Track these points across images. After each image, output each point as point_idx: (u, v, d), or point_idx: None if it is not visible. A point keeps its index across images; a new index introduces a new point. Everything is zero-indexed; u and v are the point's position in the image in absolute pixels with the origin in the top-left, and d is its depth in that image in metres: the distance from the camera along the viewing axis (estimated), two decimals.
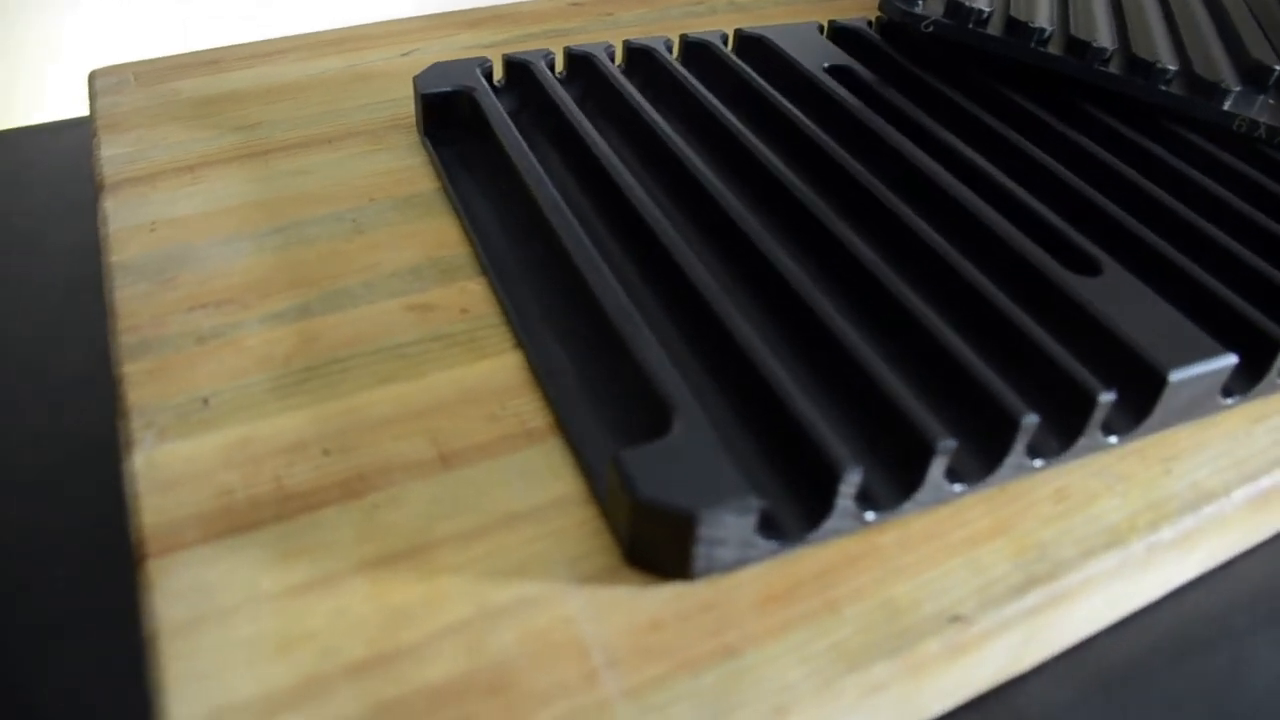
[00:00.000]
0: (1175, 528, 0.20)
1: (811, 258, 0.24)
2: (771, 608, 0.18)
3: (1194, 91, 0.30)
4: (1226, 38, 0.33)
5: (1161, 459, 0.21)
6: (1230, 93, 0.29)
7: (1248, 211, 0.26)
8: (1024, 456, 0.20)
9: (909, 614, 0.18)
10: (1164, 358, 0.20)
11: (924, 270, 0.24)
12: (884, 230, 0.25)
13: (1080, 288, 0.22)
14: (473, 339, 0.22)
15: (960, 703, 0.19)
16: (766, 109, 0.28)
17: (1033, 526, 0.19)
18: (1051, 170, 0.27)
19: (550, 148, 0.28)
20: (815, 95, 0.30)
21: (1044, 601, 0.18)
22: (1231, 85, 0.29)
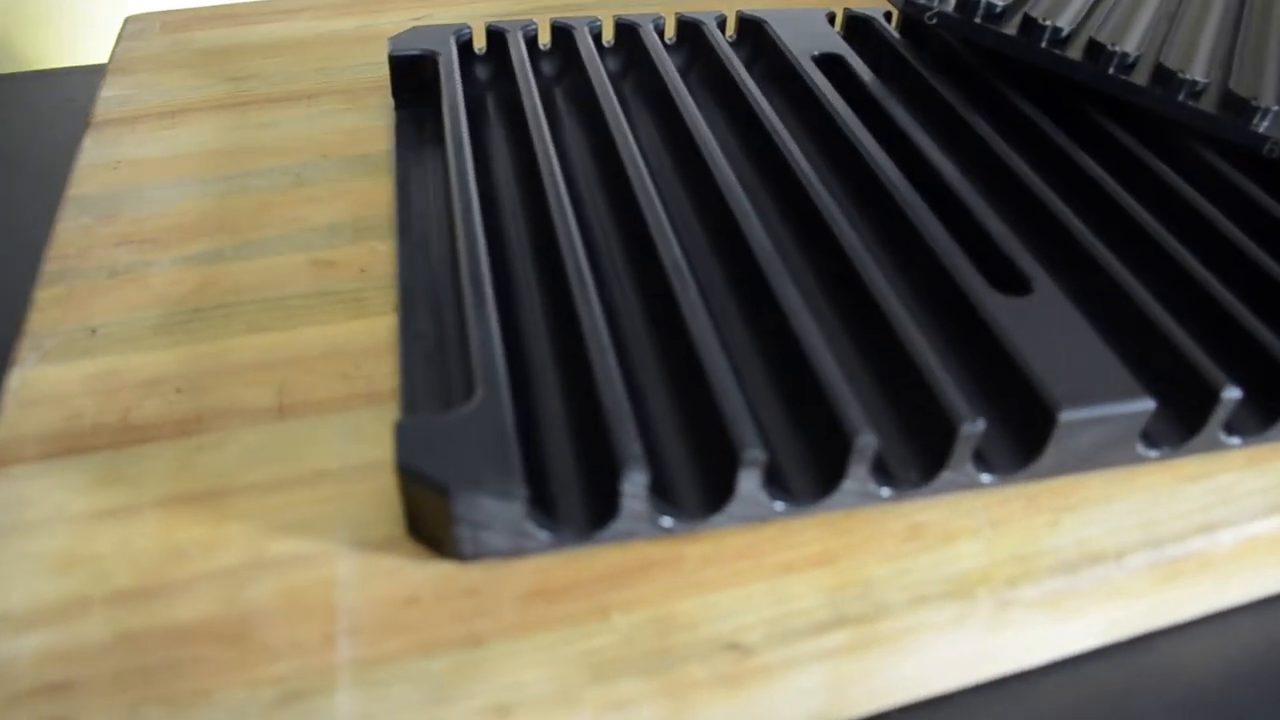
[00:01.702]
0: (1040, 588, 0.17)
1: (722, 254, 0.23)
2: (537, 603, 0.16)
3: (1223, 108, 0.25)
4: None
5: (1054, 508, 0.19)
6: (1264, 111, 0.25)
7: (1241, 246, 0.22)
8: (870, 483, 0.17)
9: (683, 633, 0.16)
10: (1059, 393, 0.18)
11: (831, 272, 0.21)
12: (810, 227, 0.23)
13: (998, 307, 0.20)
14: (358, 298, 0.22)
15: None
16: (734, 93, 0.27)
17: (866, 562, 0.17)
18: (1024, 181, 0.24)
19: (499, 120, 0.27)
20: (792, 83, 0.28)
21: (850, 644, 0.16)
22: (1269, 103, 0.25)
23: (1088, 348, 0.19)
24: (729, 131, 0.27)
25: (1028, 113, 0.26)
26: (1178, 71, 0.26)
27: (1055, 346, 0.19)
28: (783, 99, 0.28)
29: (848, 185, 0.25)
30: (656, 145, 0.26)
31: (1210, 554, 0.19)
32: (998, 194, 0.25)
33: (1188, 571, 0.19)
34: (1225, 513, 0.19)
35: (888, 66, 0.30)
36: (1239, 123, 0.25)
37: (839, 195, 0.24)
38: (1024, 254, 0.21)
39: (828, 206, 0.22)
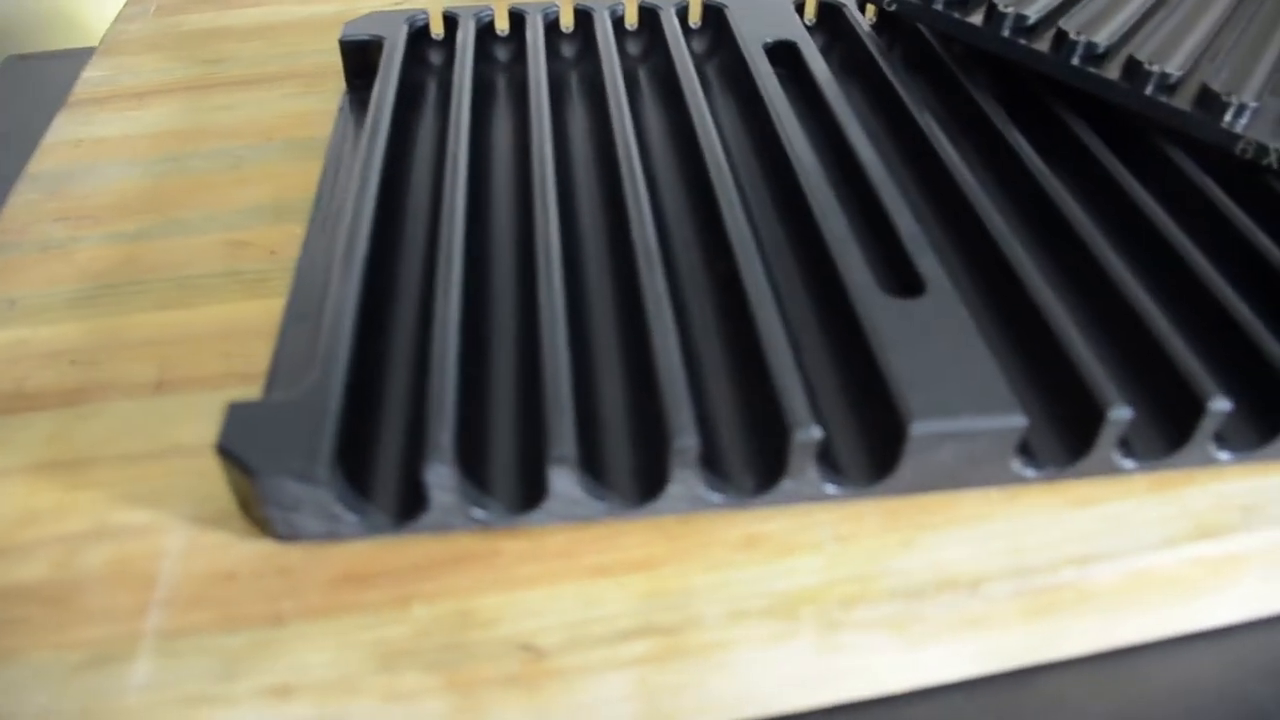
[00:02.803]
0: (878, 611, 0.16)
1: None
2: (345, 587, 0.17)
3: (1195, 105, 0.23)
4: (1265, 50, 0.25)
5: (913, 526, 0.17)
6: (1238, 108, 0.22)
7: (1182, 253, 0.20)
8: (699, 488, 0.17)
9: (479, 630, 0.16)
10: (915, 403, 0.16)
11: (716, 264, 0.21)
12: (710, 219, 0.22)
13: (879, 308, 0.18)
14: (261, 279, 0.23)
15: None
16: (675, 82, 0.26)
17: (690, 570, 0.17)
18: (955, 178, 0.22)
19: (436, 106, 0.27)
20: (739, 71, 0.27)
21: (654, 655, 0.16)
22: (1243, 100, 0.22)
23: (967, 356, 0.17)
24: (664, 121, 0.26)
25: (984, 107, 0.25)
26: (1146, 63, 0.23)
27: (930, 353, 0.17)
28: (732, 89, 0.27)
29: (766, 177, 0.24)
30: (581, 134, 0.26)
31: (1087, 587, 0.17)
32: (932, 190, 0.23)
33: (1063, 605, 0.17)
34: (1110, 543, 0.17)
35: (849, 56, 0.28)
36: (1210, 120, 0.23)
37: (752, 187, 0.23)
38: (927, 254, 0.20)
39: (730, 201, 0.21)
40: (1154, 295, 0.21)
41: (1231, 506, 0.18)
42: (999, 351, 0.19)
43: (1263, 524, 0.18)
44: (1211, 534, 0.18)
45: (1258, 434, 0.18)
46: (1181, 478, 0.19)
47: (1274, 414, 0.18)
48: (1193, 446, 0.18)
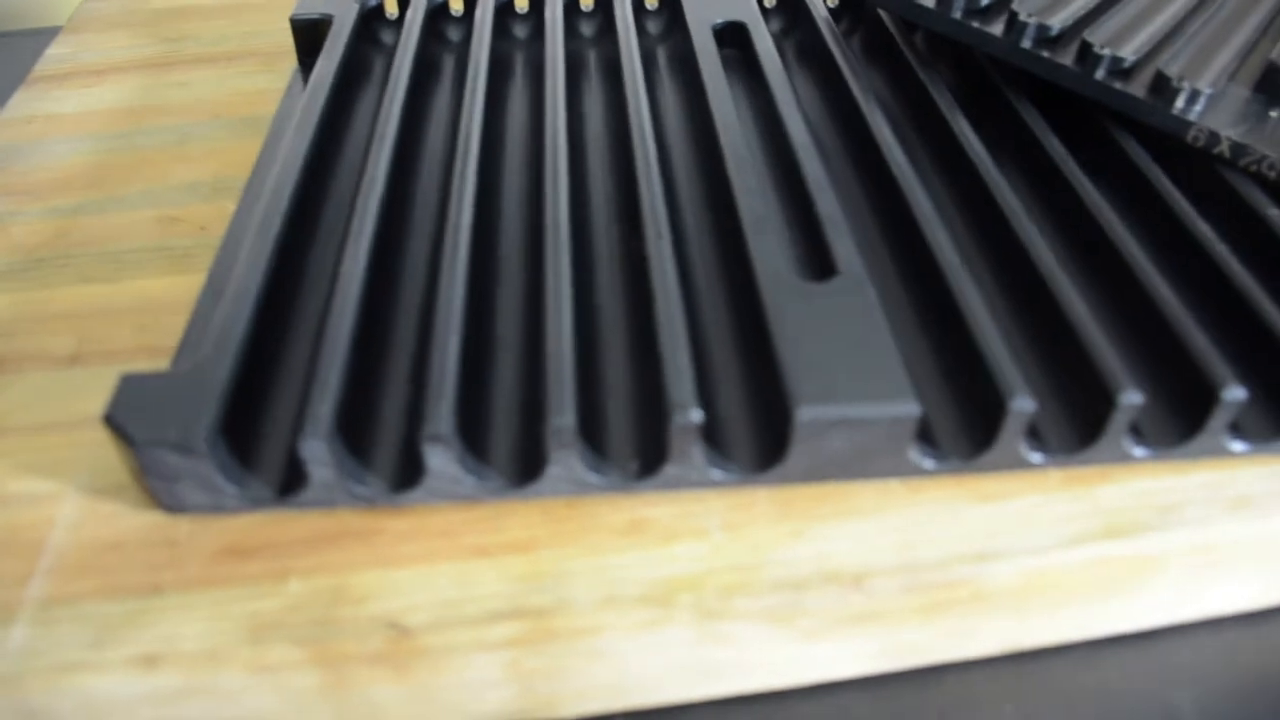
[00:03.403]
0: (759, 602, 0.16)
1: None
2: (227, 560, 0.17)
3: (1148, 91, 0.22)
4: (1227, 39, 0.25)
5: (805, 517, 0.17)
6: (1190, 94, 0.22)
7: (1121, 249, 0.20)
8: (582, 470, 0.17)
9: (350, 606, 0.16)
10: (802, 388, 0.16)
11: (631, 248, 0.21)
12: (629, 200, 0.22)
13: (782, 290, 0.18)
14: (187, 255, 0.23)
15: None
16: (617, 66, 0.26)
17: (569, 554, 0.17)
18: (888, 160, 0.22)
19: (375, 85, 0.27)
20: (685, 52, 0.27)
21: (522, 638, 0.16)
22: (1197, 86, 0.22)
23: (867, 342, 0.17)
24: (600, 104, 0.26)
25: (934, 93, 0.24)
26: (1098, 47, 0.23)
27: (830, 338, 0.17)
28: (678, 70, 0.27)
29: (698, 159, 0.23)
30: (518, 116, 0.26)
31: (983, 585, 0.17)
32: (868, 176, 0.23)
33: (959, 602, 0.17)
34: (1011, 541, 0.17)
35: (805, 40, 0.28)
36: (1161, 106, 0.22)
37: (683, 169, 0.23)
38: (844, 238, 0.19)
39: (649, 180, 0.21)
40: (1084, 285, 0.20)
41: (1148, 506, 0.18)
42: (914, 339, 0.19)
43: (1180, 525, 0.18)
44: (1122, 534, 0.17)
45: (1177, 431, 0.18)
46: (1098, 474, 0.18)
47: (1194, 410, 0.18)
48: (1106, 441, 0.17)
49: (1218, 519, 0.18)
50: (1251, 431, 0.18)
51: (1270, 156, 0.22)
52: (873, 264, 0.21)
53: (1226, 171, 0.22)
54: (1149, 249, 0.21)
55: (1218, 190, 0.22)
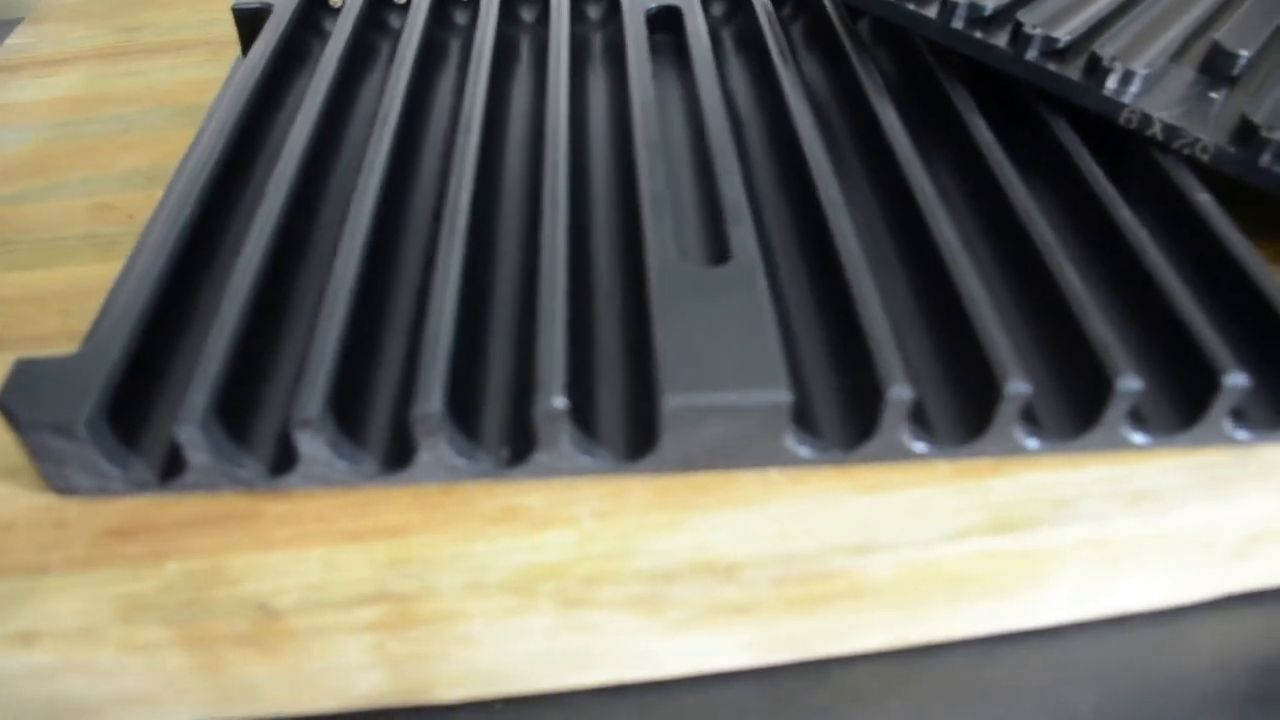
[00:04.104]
0: (625, 591, 0.16)
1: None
2: (111, 541, 0.17)
3: (1081, 72, 0.22)
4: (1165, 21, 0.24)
5: (682, 506, 0.17)
6: (1124, 75, 0.21)
7: (1034, 236, 0.19)
8: (453, 457, 0.17)
9: (223, 588, 0.17)
10: (673, 376, 0.16)
11: (523, 232, 0.21)
12: (533, 177, 0.22)
13: (669, 275, 0.18)
14: (114, 242, 0.24)
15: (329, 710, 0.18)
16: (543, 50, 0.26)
17: (439, 540, 0.17)
18: (802, 145, 0.22)
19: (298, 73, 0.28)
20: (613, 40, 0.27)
21: (386, 622, 0.16)
22: (1131, 67, 0.21)
23: (747, 330, 0.17)
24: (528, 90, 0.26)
25: (863, 77, 0.24)
26: (1029, 27, 0.23)
27: (710, 325, 0.17)
28: (609, 56, 0.27)
29: (614, 144, 0.24)
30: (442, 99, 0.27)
31: (861, 578, 0.17)
32: (783, 163, 0.23)
33: (836, 595, 0.17)
34: (891, 533, 0.17)
35: (744, 24, 0.28)
36: (1094, 87, 0.22)
37: (597, 156, 0.23)
38: (743, 224, 0.19)
39: (554, 165, 0.21)
40: (996, 272, 0.20)
41: (1041, 500, 0.18)
42: (810, 328, 0.19)
43: (1074, 520, 0.17)
44: (1011, 528, 0.17)
45: (1073, 423, 0.18)
46: (991, 467, 0.18)
47: (1092, 401, 0.18)
48: (995, 432, 0.17)
49: (1115, 514, 0.18)
50: (1154, 424, 0.18)
51: (1203, 139, 0.21)
52: (781, 251, 0.21)
53: (1161, 155, 0.22)
54: (1070, 234, 0.21)
55: (1150, 174, 0.22)
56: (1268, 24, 0.23)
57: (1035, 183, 0.22)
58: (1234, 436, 0.18)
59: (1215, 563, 0.18)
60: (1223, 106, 0.22)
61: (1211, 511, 0.18)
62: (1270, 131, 0.21)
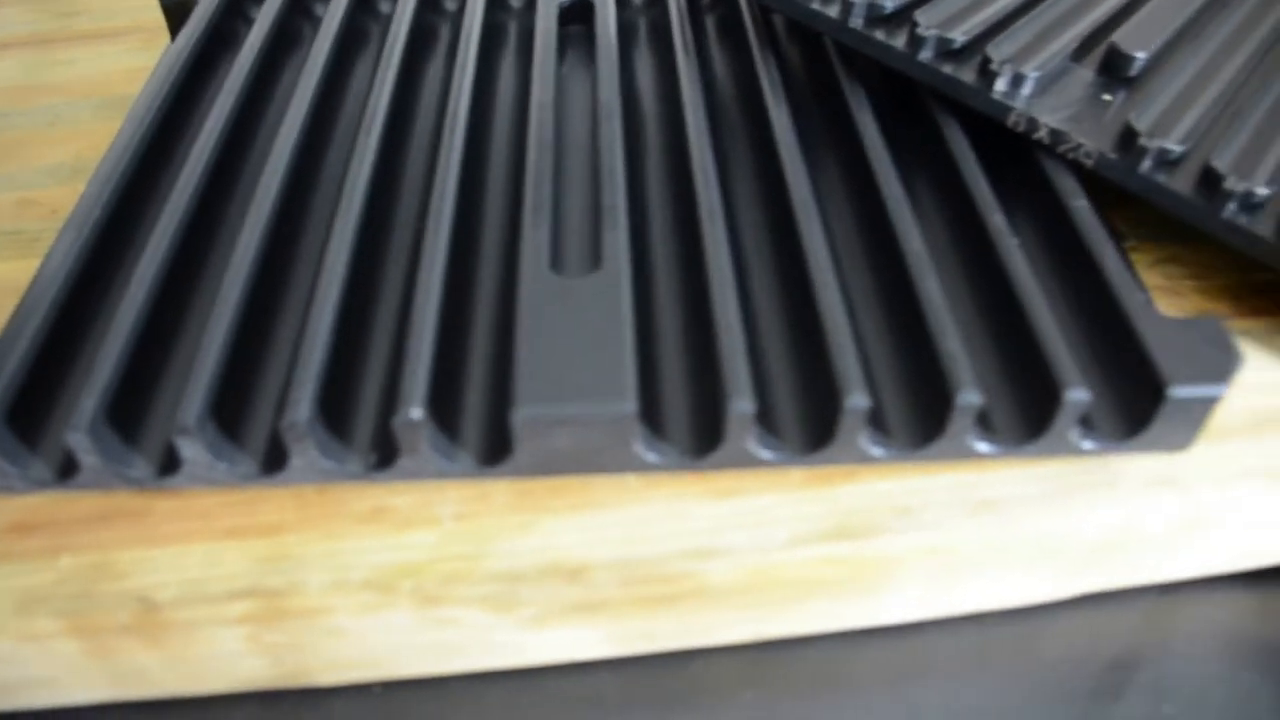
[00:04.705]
0: (478, 590, 0.18)
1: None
2: (12, 536, 0.19)
3: (975, 73, 0.23)
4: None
5: (538, 509, 0.19)
6: (1014, 78, 0.22)
7: (898, 243, 0.21)
8: (321, 460, 0.19)
9: (110, 582, 0.18)
10: (526, 387, 0.18)
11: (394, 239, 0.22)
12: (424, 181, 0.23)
13: (536, 284, 0.19)
14: (37, 238, 0.26)
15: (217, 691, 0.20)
16: (456, 44, 0.27)
17: (311, 538, 0.19)
18: (689, 148, 0.23)
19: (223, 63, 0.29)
20: (524, 28, 0.28)
21: (258, 615, 0.18)
22: (1021, 70, 0.22)
23: (603, 339, 0.19)
24: (437, 85, 0.27)
25: (762, 75, 0.24)
26: (922, 26, 0.23)
27: (569, 334, 0.19)
28: (520, 46, 0.28)
29: (512, 143, 0.25)
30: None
31: (704, 581, 0.18)
32: (670, 162, 0.24)
33: (682, 596, 0.19)
34: (735, 538, 0.18)
35: (655, 15, 0.29)
36: (983, 89, 0.23)
37: (496, 156, 0.25)
38: (616, 229, 0.20)
39: (448, 165, 0.22)
40: (864, 280, 0.21)
41: (886, 507, 0.19)
42: (674, 335, 0.21)
43: (916, 528, 0.19)
44: (853, 535, 0.19)
45: (918, 434, 0.19)
46: (842, 474, 0.19)
47: (936, 413, 0.19)
48: (841, 442, 0.18)
49: (956, 522, 0.19)
50: (1002, 434, 0.19)
51: (1086, 145, 0.22)
52: (660, 255, 0.22)
53: (1049, 160, 0.23)
54: (947, 240, 0.22)
55: (1034, 179, 0.23)
56: (1169, 25, 0.24)
57: (919, 186, 0.23)
58: (1081, 447, 0.19)
59: (1063, 568, 0.20)
60: (1114, 111, 0.23)
61: (1057, 521, 0.19)
62: (1150, 139, 0.22)
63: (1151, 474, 0.20)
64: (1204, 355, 0.19)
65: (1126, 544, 0.20)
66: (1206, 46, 0.24)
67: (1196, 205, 0.21)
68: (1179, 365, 0.19)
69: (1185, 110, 0.22)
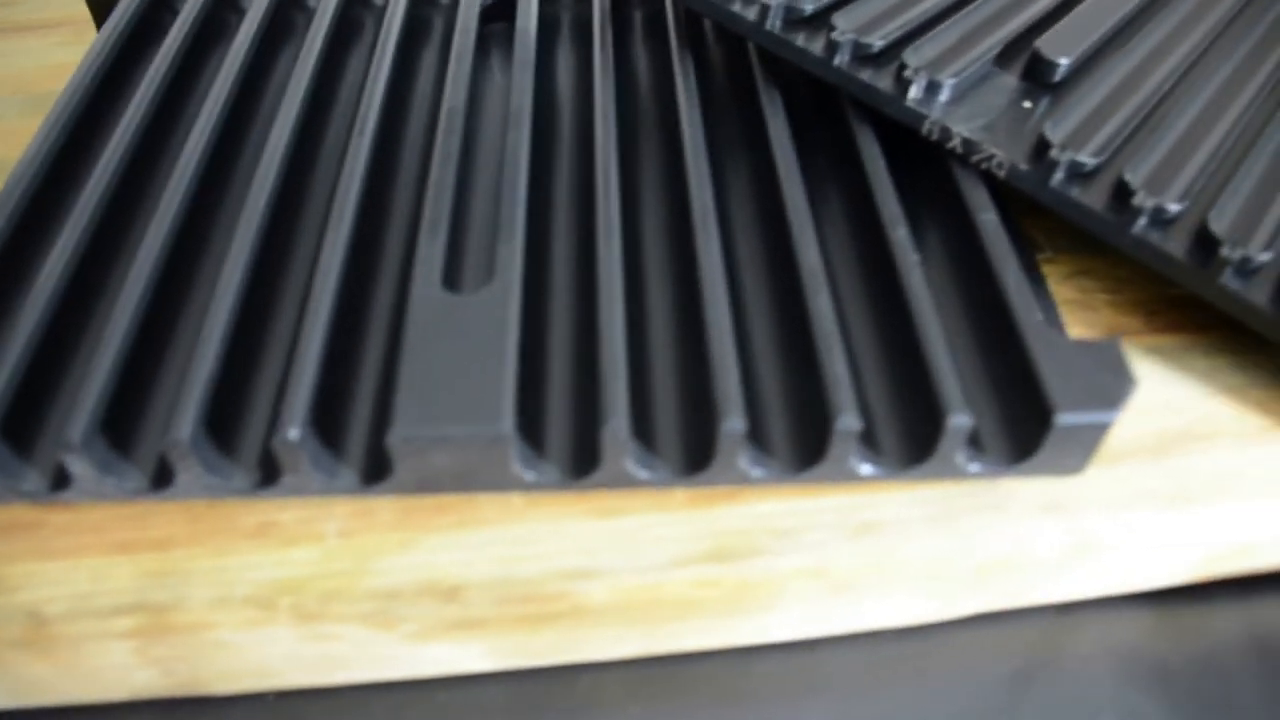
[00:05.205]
0: (356, 608, 0.19)
1: None
2: None
3: (890, 80, 0.23)
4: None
5: (420, 527, 0.19)
6: (928, 85, 0.22)
7: (795, 260, 0.21)
8: (209, 477, 0.19)
9: (3, 596, 0.19)
10: (402, 408, 0.18)
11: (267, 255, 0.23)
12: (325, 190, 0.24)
13: (423, 302, 0.20)
14: None
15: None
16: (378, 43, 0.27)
17: (198, 553, 0.19)
18: (595, 152, 0.23)
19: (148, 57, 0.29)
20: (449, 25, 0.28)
21: (145, 630, 0.19)
22: (936, 76, 0.22)
23: (483, 358, 0.19)
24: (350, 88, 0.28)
25: (678, 77, 0.25)
26: (838, 30, 0.23)
27: (452, 353, 0.19)
28: (443, 45, 0.29)
29: (422, 150, 0.25)
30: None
31: (579, 601, 0.19)
32: (578, 170, 0.24)
33: (559, 615, 0.19)
34: (611, 559, 0.19)
35: (578, 12, 0.29)
36: (897, 96, 0.23)
37: (407, 163, 0.25)
38: (511, 242, 0.21)
39: (350, 178, 0.23)
40: (762, 299, 0.22)
41: (765, 530, 0.19)
42: (565, 351, 0.21)
43: (794, 551, 0.19)
44: (730, 557, 0.19)
45: (799, 456, 0.20)
46: (725, 495, 0.20)
47: (818, 437, 0.19)
48: (720, 463, 0.19)
49: (837, 545, 0.19)
50: (887, 456, 0.20)
51: (998, 155, 0.22)
52: (559, 267, 0.23)
53: (962, 171, 0.23)
54: (852, 254, 0.23)
55: (946, 190, 0.23)
56: (1095, 31, 0.24)
57: (829, 196, 0.24)
58: (967, 470, 0.20)
59: (949, 590, 0.20)
60: (1033, 120, 0.23)
61: (941, 543, 0.19)
62: (1062, 152, 0.22)
63: (1042, 498, 0.20)
64: (1097, 381, 0.19)
65: (1016, 567, 0.20)
66: (1132, 56, 0.24)
67: (1107, 220, 0.21)
68: (1069, 391, 0.19)
69: (1103, 122, 0.22)
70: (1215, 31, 0.25)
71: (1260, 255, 0.21)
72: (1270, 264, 0.21)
